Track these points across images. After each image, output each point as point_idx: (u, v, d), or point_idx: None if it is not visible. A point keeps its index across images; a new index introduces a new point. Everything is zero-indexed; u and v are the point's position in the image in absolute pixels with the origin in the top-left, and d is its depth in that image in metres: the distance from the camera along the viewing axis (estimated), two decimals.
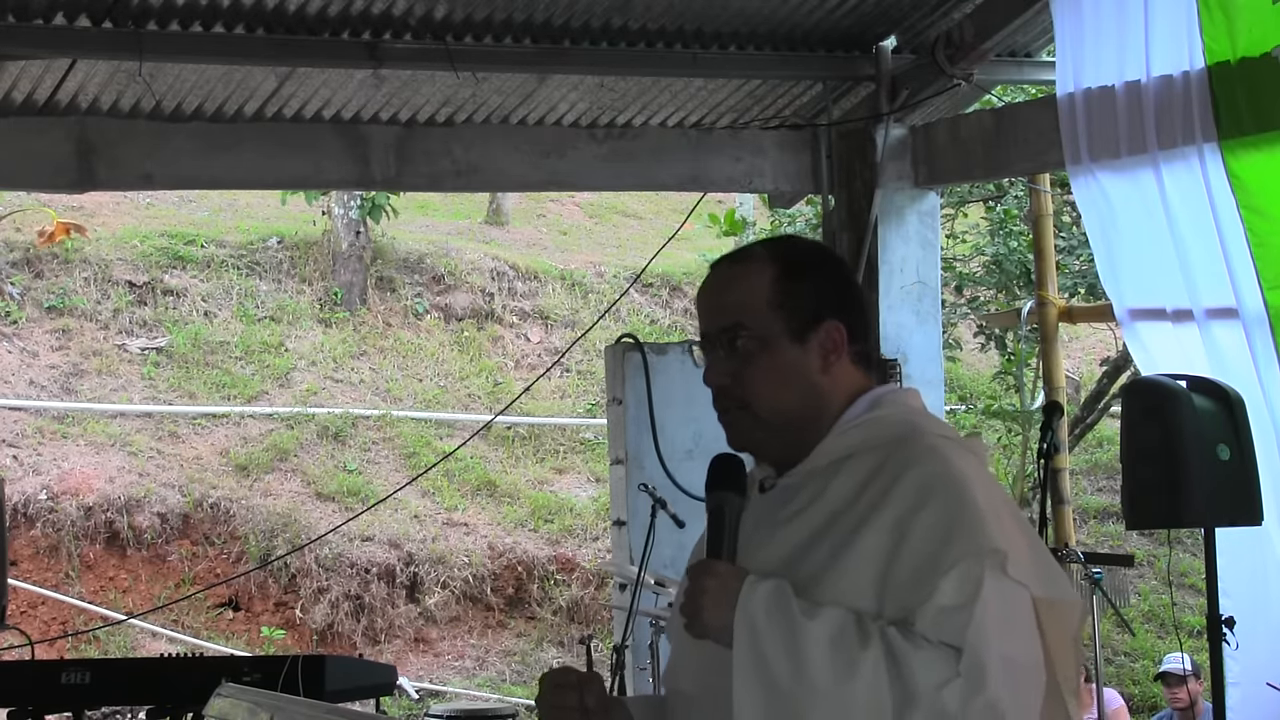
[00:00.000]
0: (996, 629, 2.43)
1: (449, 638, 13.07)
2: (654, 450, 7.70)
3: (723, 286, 2.68)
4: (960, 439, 2.68)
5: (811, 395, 2.64)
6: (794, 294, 2.64)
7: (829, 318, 2.65)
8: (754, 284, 2.65)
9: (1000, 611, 2.45)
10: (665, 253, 10.26)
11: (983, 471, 2.63)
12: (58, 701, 6.48)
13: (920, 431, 2.63)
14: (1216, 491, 5.69)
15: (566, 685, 2.69)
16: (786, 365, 2.63)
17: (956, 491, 2.52)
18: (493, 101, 7.52)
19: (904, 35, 7.71)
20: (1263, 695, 6.31)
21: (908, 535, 2.49)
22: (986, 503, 2.53)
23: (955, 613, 2.44)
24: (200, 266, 15.69)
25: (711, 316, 2.68)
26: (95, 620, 12.12)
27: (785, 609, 2.47)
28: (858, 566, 2.50)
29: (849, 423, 2.64)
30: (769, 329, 2.62)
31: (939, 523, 2.49)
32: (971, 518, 2.49)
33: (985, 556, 2.46)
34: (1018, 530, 2.56)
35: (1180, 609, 12.28)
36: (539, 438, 14.88)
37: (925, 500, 2.50)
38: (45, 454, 13.25)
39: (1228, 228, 6.25)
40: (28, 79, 6.78)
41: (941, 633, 2.44)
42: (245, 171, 7.40)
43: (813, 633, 2.44)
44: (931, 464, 2.55)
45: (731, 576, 2.53)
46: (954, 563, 2.46)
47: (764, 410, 2.63)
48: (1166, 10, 6.41)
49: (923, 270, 7.86)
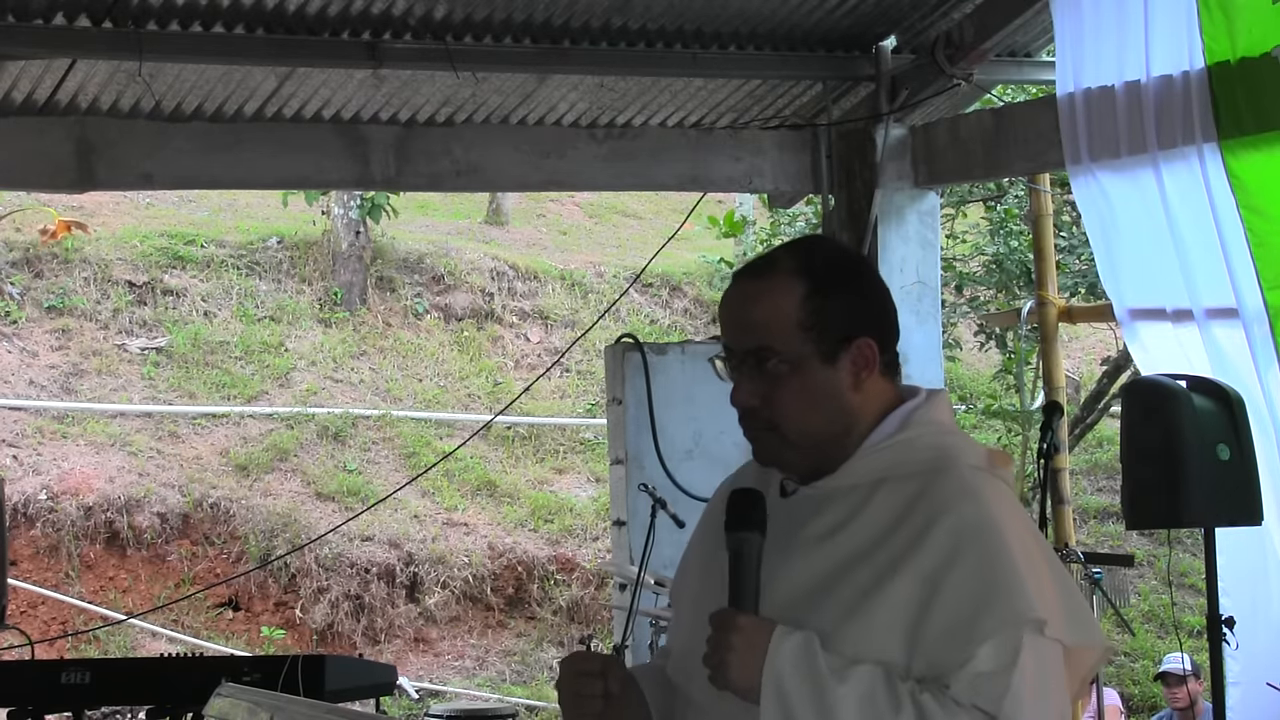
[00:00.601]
0: (1032, 695, 2.41)
1: (449, 638, 13.07)
2: (654, 450, 7.70)
3: (748, 303, 2.56)
4: (991, 465, 2.59)
5: (841, 414, 2.55)
6: (824, 313, 2.52)
7: (860, 334, 2.55)
8: (781, 303, 2.52)
9: (1037, 676, 2.42)
10: (665, 253, 10.27)
11: (1015, 510, 2.56)
12: (58, 701, 6.48)
13: (953, 461, 2.55)
14: (1216, 491, 5.69)
15: (590, 673, 2.61)
16: (817, 387, 2.53)
17: (993, 546, 2.45)
18: (493, 101, 7.52)
19: (904, 35, 7.71)
20: (1263, 695, 6.31)
21: (941, 590, 2.42)
22: (1022, 555, 2.46)
23: (992, 679, 2.39)
24: (200, 266, 15.69)
25: (737, 335, 2.57)
26: (95, 620, 12.12)
27: (813, 668, 2.41)
28: (887, 615, 2.44)
29: (877, 444, 2.56)
30: (799, 351, 2.52)
31: (975, 583, 2.42)
32: (1009, 579, 2.43)
33: (1024, 625, 2.42)
34: (1050, 577, 2.50)
35: (1180, 609, 12.28)
36: (539, 438, 14.88)
37: (960, 553, 2.44)
38: (45, 454, 13.26)
39: (1228, 228, 6.24)
40: (28, 79, 6.78)
41: (977, 698, 2.39)
42: (245, 171, 7.39)
43: (842, 695, 2.38)
44: (966, 510, 2.47)
45: (758, 633, 2.44)
46: (992, 631, 2.40)
47: (794, 432, 2.54)
48: (1166, 10, 6.41)
49: (923, 270, 7.86)
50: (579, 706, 2.61)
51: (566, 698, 2.63)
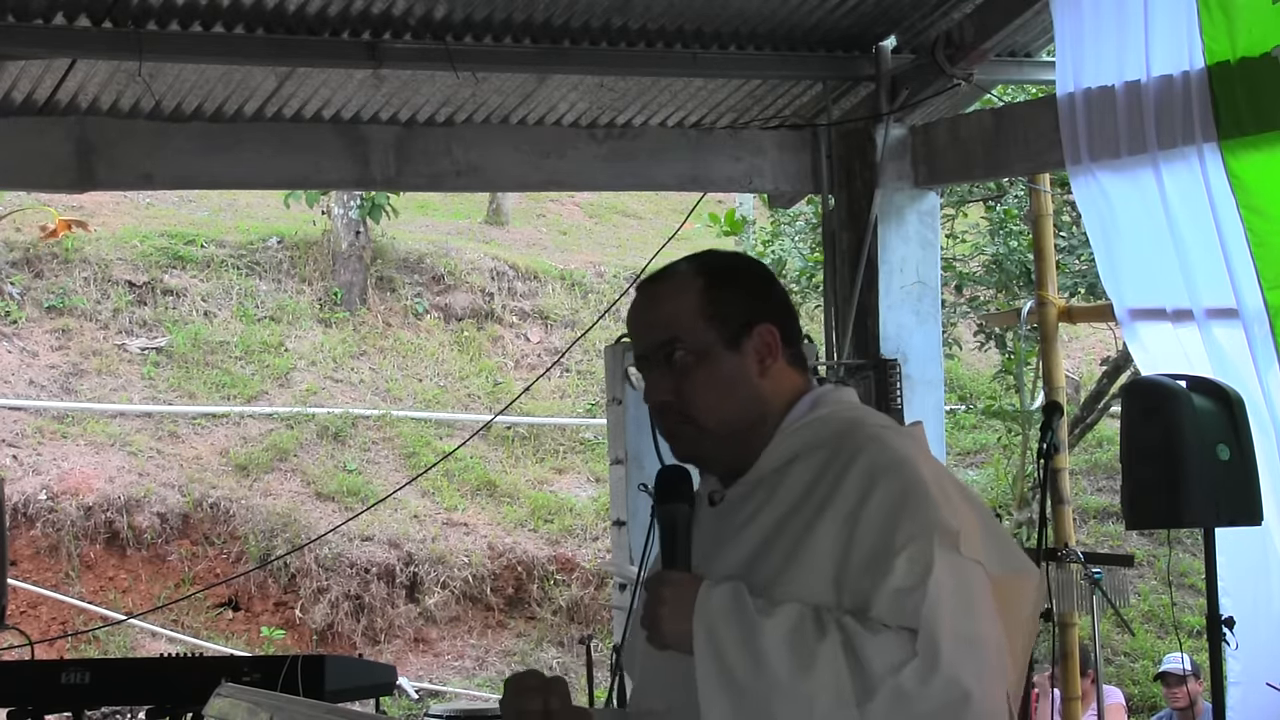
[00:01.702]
0: (951, 606, 2.44)
1: (449, 638, 13.07)
2: (654, 450, 7.67)
3: (653, 304, 2.71)
4: (900, 427, 2.72)
5: (752, 400, 2.66)
6: (723, 301, 2.67)
7: (761, 321, 2.67)
8: (683, 297, 2.68)
9: (954, 589, 2.46)
10: (665, 253, 10.24)
11: (927, 454, 2.65)
12: (58, 701, 6.48)
13: (861, 424, 2.66)
14: (1216, 491, 5.69)
15: (530, 689, 2.67)
16: (725, 373, 2.65)
17: (902, 474, 2.54)
18: (493, 101, 7.52)
19: (904, 35, 7.70)
20: (1263, 695, 6.31)
21: (859, 523, 2.51)
22: (934, 483, 2.55)
23: (909, 594, 2.45)
24: (200, 266, 15.69)
25: (645, 335, 2.71)
26: (95, 620, 12.12)
27: (742, 609, 2.49)
28: (814, 563, 2.52)
29: (792, 425, 2.66)
30: (703, 339, 2.65)
31: (888, 505, 2.51)
32: (919, 498, 2.52)
33: (935, 535, 2.48)
34: (969, 509, 2.57)
35: (1180, 609, 12.28)
36: (539, 438, 14.88)
37: (873, 486, 2.53)
38: (45, 454, 13.26)
39: (1228, 228, 6.24)
40: (28, 79, 6.78)
41: (897, 615, 2.45)
42: (245, 171, 7.39)
43: (770, 629, 2.46)
44: (876, 451, 2.58)
45: (687, 584, 2.56)
46: (904, 544, 2.48)
47: (708, 421, 2.64)
48: (1166, 10, 6.41)
49: (923, 270, 7.86)
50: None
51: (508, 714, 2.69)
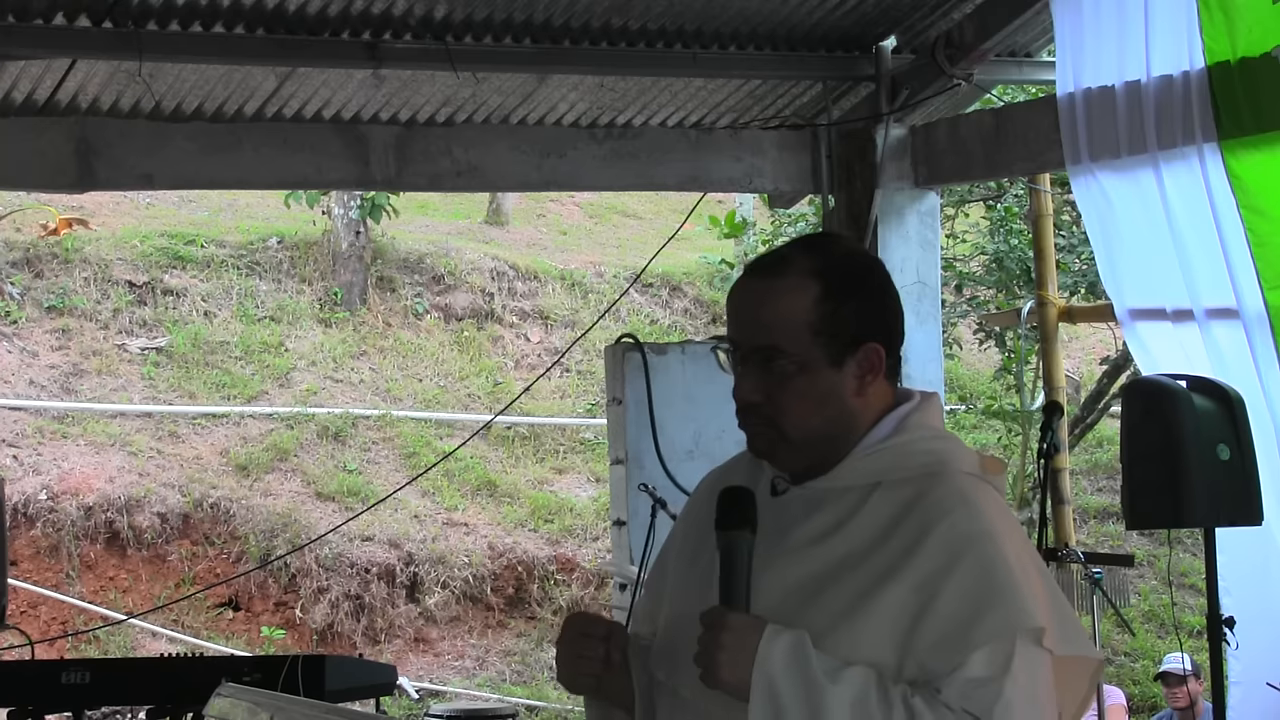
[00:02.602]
0: (1023, 703, 2.40)
1: (449, 638, 13.07)
2: (654, 450, 7.69)
3: (760, 301, 2.54)
4: (984, 472, 2.59)
5: (843, 417, 2.55)
6: (836, 318, 2.51)
7: (870, 339, 2.54)
8: (794, 305, 2.51)
9: (1028, 685, 2.42)
10: (665, 253, 10.26)
11: (1009, 519, 2.56)
12: (58, 701, 6.48)
13: (948, 468, 2.55)
14: (1216, 491, 5.69)
15: (592, 635, 2.56)
16: (821, 390, 2.52)
17: (988, 554, 2.45)
18: (493, 101, 7.52)
19: (904, 35, 7.71)
20: (1263, 695, 6.31)
21: (937, 597, 2.42)
22: (1017, 564, 2.47)
23: (984, 685, 2.39)
24: (200, 266, 15.69)
25: (746, 330, 2.55)
26: (95, 620, 12.12)
27: (805, 668, 2.39)
28: (880, 619, 2.43)
29: (872, 446, 2.55)
30: (808, 353, 2.51)
31: (971, 588, 2.42)
32: (1005, 587, 2.43)
33: (1019, 634, 2.42)
34: (1043, 589, 2.50)
35: (1180, 609, 12.28)
36: (539, 438, 14.88)
37: (956, 561, 2.43)
38: (45, 454, 13.26)
39: (1228, 228, 6.25)
40: (28, 79, 6.78)
41: (968, 703, 2.39)
42: (245, 171, 7.39)
43: (835, 695, 2.37)
44: (962, 517, 2.47)
45: (749, 631, 2.41)
46: (987, 639, 2.41)
47: (793, 430, 2.53)
48: (1166, 10, 6.41)
49: (923, 270, 7.86)
50: (577, 668, 2.57)
51: (565, 656, 2.58)
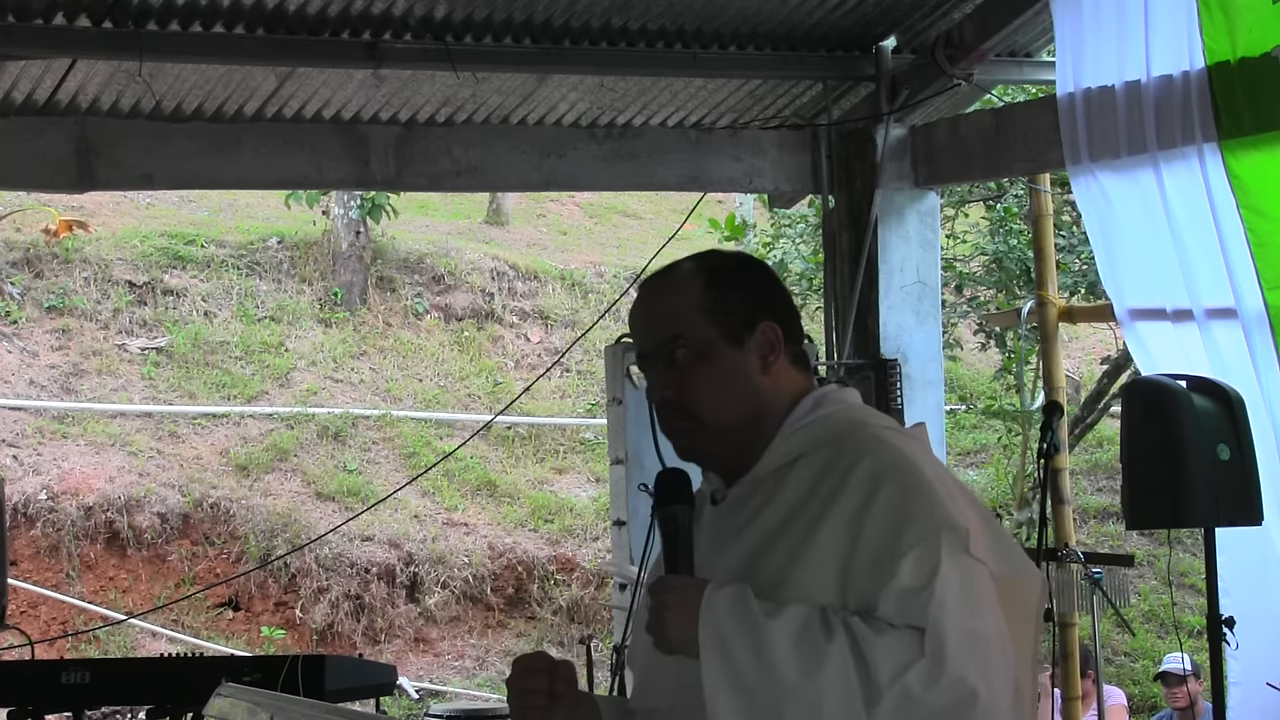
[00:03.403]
0: (957, 605, 2.44)
1: (449, 638, 13.07)
2: (654, 450, 7.67)
3: (654, 301, 2.69)
4: (903, 429, 2.71)
5: (755, 397, 2.64)
6: (726, 298, 2.65)
7: (763, 319, 2.65)
8: (685, 294, 2.66)
9: (961, 588, 2.45)
10: (665, 253, 10.24)
11: (930, 455, 2.65)
12: (58, 701, 6.48)
13: (863, 425, 2.65)
14: (1216, 491, 5.69)
15: (535, 669, 2.67)
16: (727, 370, 2.63)
17: (908, 475, 2.53)
18: (493, 101, 7.52)
19: (904, 35, 7.71)
20: (1263, 695, 6.31)
21: (865, 525, 2.50)
22: (939, 483, 2.55)
23: (916, 593, 2.44)
24: (200, 266, 15.69)
25: (647, 333, 2.68)
26: (95, 620, 12.12)
27: (748, 611, 2.47)
28: (818, 563, 2.51)
29: (794, 424, 2.64)
30: (705, 336, 2.63)
31: (894, 507, 2.50)
32: (926, 499, 2.51)
33: (943, 534, 2.47)
34: (972, 510, 2.57)
35: (1180, 609, 12.27)
36: (539, 438, 14.88)
37: (878, 488, 2.52)
38: (45, 454, 13.26)
39: (1228, 228, 6.25)
40: (28, 79, 6.78)
41: (904, 615, 2.44)
42: (245, 171, 7.39)
43: (776, 630, 2.45)
44: (880, 452, 2.57)
45: (691, 588, 2.53)
46: (912, 544, 2.47)
47: (710, 417, 2.62)
48: (1166, 10, 6.41)
49: (923, 270, 7.86)
50: (523, 703, 2.68)
51: (513, 695, 2.70)
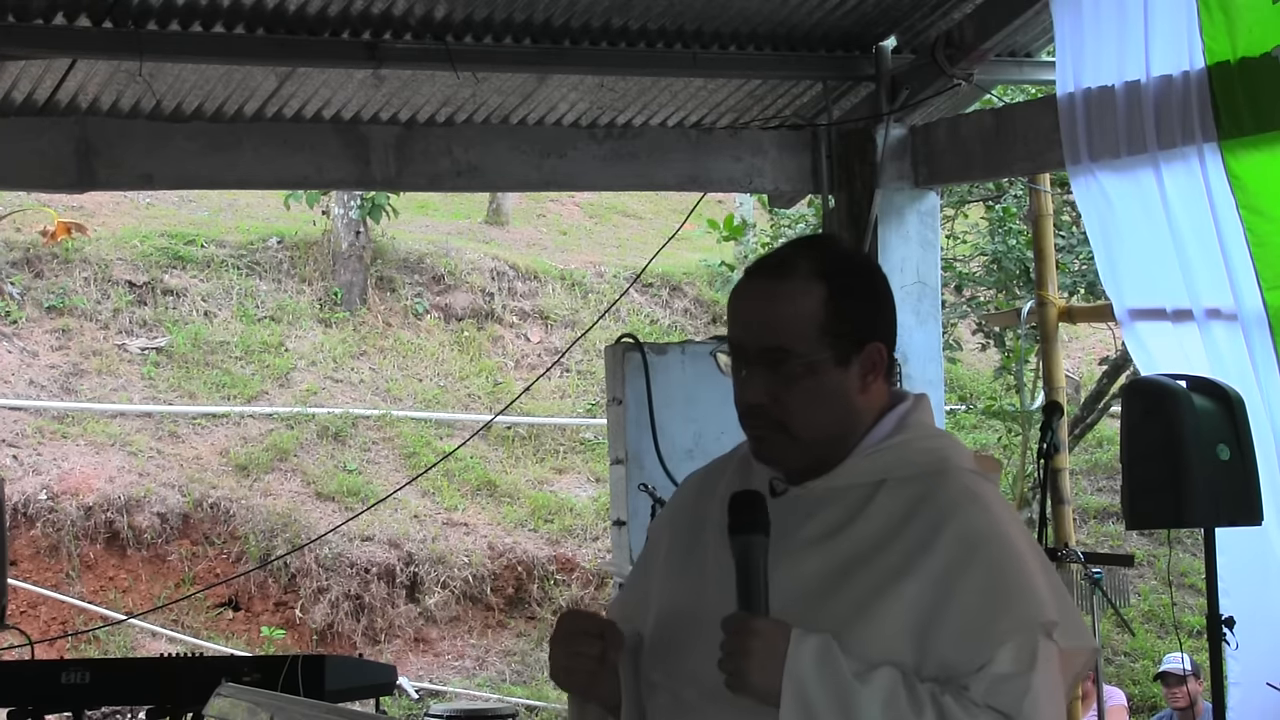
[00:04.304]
0: (1047, 698, 2.44)
1: (449, 638, 13.07)
2: (654, 450, 7.69)
3: (768, 303, 2.55)
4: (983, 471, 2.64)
5: (849, 415, 2.57)
6: (843, 318, 2.54)
7: (874, 339, 2.58)
8: (802, 307, 2.53)
9: (1048, 679, 2.46)
10: (665, 253, 10.26)
11: (1014, 516, 2.61)
12: (58, 701, 6.48)
13: (951, 465, 2.59)
14: (1216, 491, 5.69)
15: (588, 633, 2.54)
16: (829, 390, 2.54)
17: (1004, 551, 2.49)
18: (493, 101, 7.53)
19: (904, 35, 7.71)
20: (1263, 695, 6.31)
21: (954, 593, 2.45)
22: (1030, 561, 2.51)
23: (1011, 680, 2.42)
24: (200, 266, 15.69)
25: (753, 333, 2.55)
26: (95, 620, 12.12)
27: (835, 670, 2.40)
28: (896, 616, 2.45)
29: (874, 445, 2.57)
30: (816, 353, 2.53)
31: (989, 585, 2.46)
32: (1022, 583, 2.48)
33: (1039, 626, 2.46)
34: (1047, 581, 2.54)
35: (1180, 609, 12.28)
36: (539, 438, 14.88)
37: (972, 556, 2.47)
38: (45, 454, 13.26)
39: (1227, 228, 6.24)
40: (28, 79, 6.78)
41: (995, 699, 2.41)
42: (245, 171, 7.39)
43: (866, 697, 2.39)
44: (974, 514, 2.51)
45: (776, 635, 2.41)
46: (1010, 633, 2.44)
47: (803, 432, 2.54)
48: (1166, 10, 6.41)
49: (923, 270, 7.86)
50: (572, 667, 2.56)
51: (560, 653, 2.56)
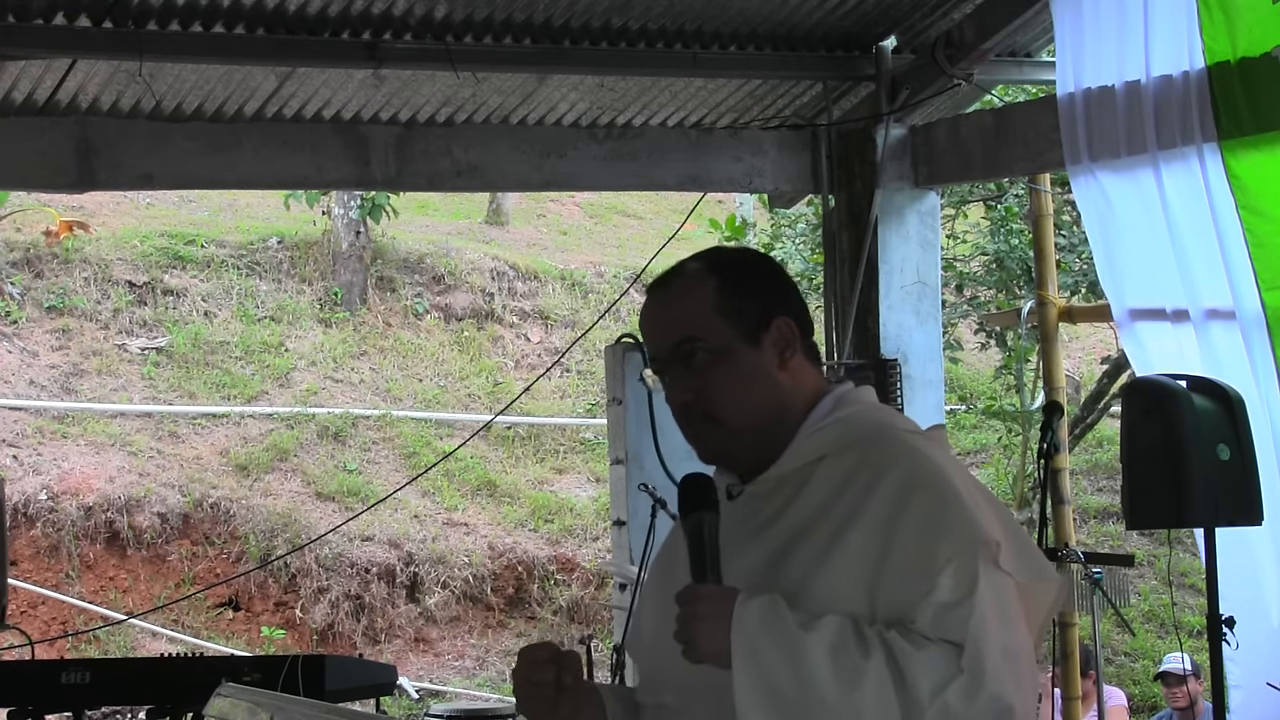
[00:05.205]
0: (995, 621, 2.45)
1: (449, 638, 13.07)
2: (654, 450, 7.69)
3: (665, 304, 2.68)
4: (925, 432, 2.70)
5: (774, 395, 2.63)
6: (739, 296, 2.63)
7: (778, 314, 2.64)
8: (697, 295, 2.64)
9: (996, 603, 2.47)
10: (665, 253, 10.24)
11: (955, 462, 2.65)
12: (58, 701, 6.48)
13: (890, 429, 2.65)
14: (1216, 491, 5.69)
15: (543, 660, 2.62)
16: (746, 369, 2.61)
17: (940, 486, 2.53)
18: (493, 101, 7.53)
19: (904, 35, 7.71)
20: (1263, 695, 6.31)
21: (896, 534, 2.48)
22: (969, 494, 2.55)
23: (954, 608, 2.45)
24: (200, 266, 15.69)
25: (661, 336, 2.67)
26: (95, 620, 12.12)
27: (782, 623, 2.44)
28: (846, 569, 2.49)
29: (815, 425, 2.62)
30: (721, 336, 2.61)
31: (928, 519, 2.49)
32: (959, 512, 2.51)
33: (979, 550, 2.48)
34: (996, 517, 2.57)
35: (1180, 609, 12.28)
36: (539, 438, 14.88)
37: (909, 498, 2.51)
38: (45, 454, 13.26)
39: (1227, 228, 6.24)
40: (28, 79, 6.78)
41: (941, 629, 2.44)
42: (245, 171, 7.39)
43: (813, 644, 2.42)
44: (911, 461, 2.56)
45: (722, 598, 2.48)
46: (949, 558, 2.47)
47: (731, 418, 2.60)
48: (1166, 10, 6.41)
49: (923, 270, 7.86)
50: (530, 695, 2.63)
51: (519, 686, 2.64)
